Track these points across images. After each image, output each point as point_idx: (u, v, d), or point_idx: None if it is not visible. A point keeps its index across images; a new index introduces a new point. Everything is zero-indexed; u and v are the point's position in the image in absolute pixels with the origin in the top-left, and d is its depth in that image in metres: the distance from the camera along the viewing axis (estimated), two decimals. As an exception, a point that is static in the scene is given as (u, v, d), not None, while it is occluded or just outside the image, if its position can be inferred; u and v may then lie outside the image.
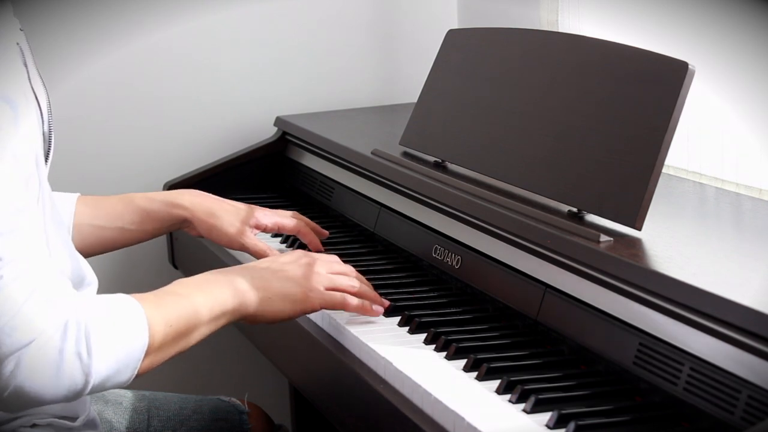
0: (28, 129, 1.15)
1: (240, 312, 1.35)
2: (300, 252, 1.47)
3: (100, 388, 1.17)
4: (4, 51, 1.15)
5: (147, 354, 1.20)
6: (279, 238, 1.87)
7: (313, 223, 1.78)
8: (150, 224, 1.67)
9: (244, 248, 1.69)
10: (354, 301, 1.44)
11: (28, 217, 1.13)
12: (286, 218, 1.74)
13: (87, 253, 1.57)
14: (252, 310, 1.36)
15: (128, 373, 1.19)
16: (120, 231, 1.65)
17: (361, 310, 1.45)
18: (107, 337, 1.15)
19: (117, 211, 1.65)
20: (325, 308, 1.43)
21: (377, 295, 1.49)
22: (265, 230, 1.73)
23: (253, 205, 1.76)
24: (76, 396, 1.15)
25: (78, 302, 1.15)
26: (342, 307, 1.43)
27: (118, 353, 1.16)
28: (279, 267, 1.41)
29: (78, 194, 1.63)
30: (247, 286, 1.35)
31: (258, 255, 1.67)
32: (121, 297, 1.22)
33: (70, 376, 1.12)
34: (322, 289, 1.41)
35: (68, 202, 1.60)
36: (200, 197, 1.71)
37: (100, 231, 1.63)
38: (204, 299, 1.30)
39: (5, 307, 1.08)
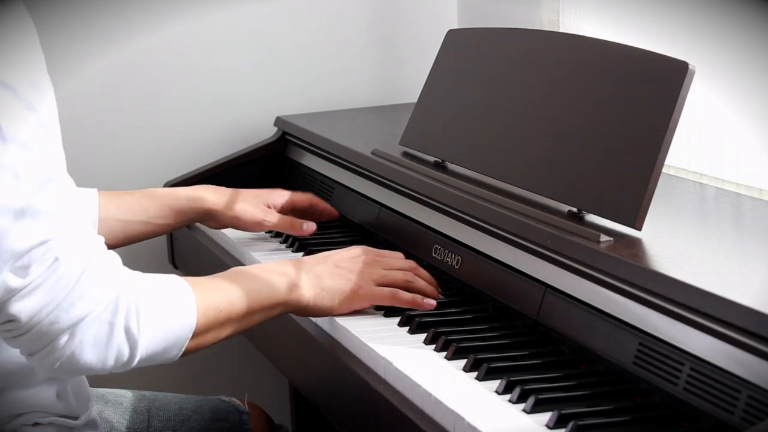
0: (50, 115, 1.16)
1: (292, 305, 1.40)
2: (359, 248, 1.52)
3: (146, 363, 1.22)
4: (32, 41, 1.15)
5: (194, 336, 1.25)
6: (279, 239, 1.87)
7: (324, 203, 1.90)
8: (175, 218, 1.75)
9: (267, 228, 1.81)
10: (406, 296, 1.47)
11: (69, 193, 1.16)
12: (297, 194, 1.86)
13: (112, 245, 1.60)
14: (304, 304, 1.41)
15: (174, 352, 1.24)
16: (146, 225, 1.72)
17: (413, 304, 1.47)
18: (156, 315, 1.20)
19: (142, 206, 1.71)
20: (375, 304, 1.47)
21: (433, 289, 1.51)
22: (282, 209, 1.83)
23: (264, 189, 1.86)
24: (123, 368, 1.20)
25: (129, 278, 1.20)
26: (392, 302, 1.47)
27: (166, 332, 1.21)
28: (334, 263, 1.47)
29: (95, 189, 1.65)
30: (301, 280, 1.41)
31: (282, 229, 1.81)
32: (172, 278, 1.27)
33: (118, 350, 1.17)
34: (372, 285, 1.46)
35: (90, 196, 1.63)
36: (220, 191, 1.80)
37: (126, 225, 1.69)
38: (257, 288, 1.35)
39: (61, 284, 1.12)
